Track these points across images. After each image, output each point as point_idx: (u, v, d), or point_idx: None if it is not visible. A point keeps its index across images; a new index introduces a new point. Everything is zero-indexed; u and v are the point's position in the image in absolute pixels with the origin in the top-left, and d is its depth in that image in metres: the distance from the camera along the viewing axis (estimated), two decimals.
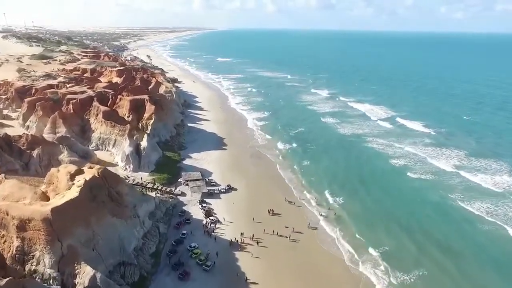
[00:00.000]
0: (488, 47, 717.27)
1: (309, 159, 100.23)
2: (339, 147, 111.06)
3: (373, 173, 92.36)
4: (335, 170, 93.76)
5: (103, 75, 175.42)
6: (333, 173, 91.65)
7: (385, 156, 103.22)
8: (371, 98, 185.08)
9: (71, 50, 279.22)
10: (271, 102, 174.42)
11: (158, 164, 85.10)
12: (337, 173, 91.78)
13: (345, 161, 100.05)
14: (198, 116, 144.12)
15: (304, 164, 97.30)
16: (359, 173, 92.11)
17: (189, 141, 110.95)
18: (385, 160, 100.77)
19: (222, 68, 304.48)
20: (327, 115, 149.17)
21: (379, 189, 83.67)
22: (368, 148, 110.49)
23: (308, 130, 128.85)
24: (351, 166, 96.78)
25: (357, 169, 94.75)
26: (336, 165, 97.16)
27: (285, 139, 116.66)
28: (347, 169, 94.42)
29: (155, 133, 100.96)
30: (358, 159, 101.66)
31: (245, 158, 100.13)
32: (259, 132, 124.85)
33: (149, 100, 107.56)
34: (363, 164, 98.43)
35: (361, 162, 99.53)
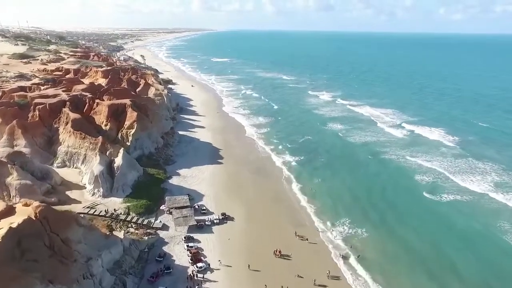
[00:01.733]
0: (490, 48, 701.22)
1: (320, 176, 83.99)
2: (351, 160, 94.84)
3: (394, 194, 76.51)
4: (351, 190, 77.56)
5: (87, 75, 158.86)
6: (350, 195, 75.46)
7: (404, 172, 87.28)
8: (374, 100, 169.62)
9: (60, 49, 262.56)
10: (272, 105, 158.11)
11: (136, 186, 68.58)
12: (354, 195, 75.56)
13: (360, 179, 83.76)
14: (192, 122, 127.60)
15: (315, 182, 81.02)
16: (379, 194, 76.04)
17: (179, 153, 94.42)
18: (406, 177, 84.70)
19: (220, 69, 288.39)
20: (332, 121, 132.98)
21: (404, 215, 67.75)
22: (383, 161, 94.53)
23: (314, 138, 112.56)
24: (368, 185, 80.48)
25: (376, 189, 78.54)
26: (351, 183, 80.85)
27: (291, 150, 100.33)
28: (364, 189, 78.22)
29: (137, 145, 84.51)
30: (375, 176, 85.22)
31: (245, 176, 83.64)
32: (260, 141, 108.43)
33: (131, 105, 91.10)
34: (381, 182, 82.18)
35: (378, 180, 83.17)
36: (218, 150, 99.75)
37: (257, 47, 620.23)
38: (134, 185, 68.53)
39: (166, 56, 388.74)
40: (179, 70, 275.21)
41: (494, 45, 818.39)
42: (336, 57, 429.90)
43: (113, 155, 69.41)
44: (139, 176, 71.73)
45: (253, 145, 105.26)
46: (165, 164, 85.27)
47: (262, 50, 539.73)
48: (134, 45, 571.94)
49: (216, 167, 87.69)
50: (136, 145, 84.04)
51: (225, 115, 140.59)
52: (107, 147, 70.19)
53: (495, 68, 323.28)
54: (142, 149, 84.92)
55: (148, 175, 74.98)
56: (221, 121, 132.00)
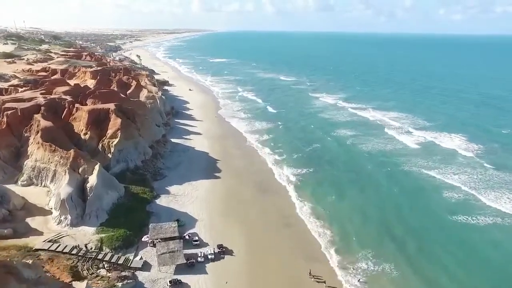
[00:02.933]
0: (491, 49, 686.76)
1: (332, 193, 72.08)
2: (365, 174, 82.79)
3: (420, 216, 64.67)
4: (369, 212, 65.79)
5: (75, 76, 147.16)
6: (369, 218, 63.77)
7: (424, 188, 75.63)
8: (378, 103, 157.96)
9: (52, 49, 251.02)
10: (273, 109, 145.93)
11: (114, 210, 56.50)
12: (374, 217, 63.79)
13: (378, 197, 71.90)
14: (187, 128, 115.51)
15: (328, 201, 69.09)
16: (403, 217, 64.21)
17: (170, 165, 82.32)
18: (426, 195, 73.02)
19: (219, 69, 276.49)
20: (337, 127, 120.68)
21: (431, 243, 56.11)
22: (399, 174, 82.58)
23: (320, 147, 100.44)
24: (389, 204, 68.78)
25: (399, 210, 66.77)
26: (368, 203, 69.03)
27: (297, 161, 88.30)
28: (384, 210, 66.47)
29: (120, 158, 72.51)
30: (394, 194, 73.22)
31: (246, 193, 71.58)
32: (261, 150, 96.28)
33: (115, 110, 79.05)
34: (402, 201, 70.42)
35: (399, 198, 71.22)
36: (215, 161, 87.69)
37: (257, 47, 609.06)
38: (112, 209, 56.42)
39: (164, 57, 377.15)
40: (177, 71, 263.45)
41: (495, 46, 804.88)
42: (336, 57, 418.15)
43: (87, 172, 57.37)
44: (119, 197, 59.68)
45: (254, 155, 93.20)
46: (154, 179, 73.22)
47: (262, 50, 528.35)
48: (133, 46, 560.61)
49: (213, 182, 75.62)
50: (119, 158, 72.06)
51: (223, 120, 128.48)
52: (80, 162, 58.12)
53: (499, 69, 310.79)
54: (126, 161, 72.89)
55: (131, 195, 62.92)
56: (219, 126, 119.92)
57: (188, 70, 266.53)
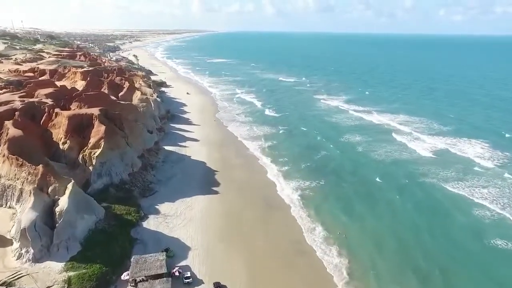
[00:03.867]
0: (492, 49, 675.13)
1: (345, 211, 62.90)
2: (378, 186, 73.84)
3: (450, 245, 54.56)
4: (391, 236, 56.39)
5: (65, 77, 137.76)
6: (392, 244, 54.26)
7: (450, 207, 65.20)
8: (383, 106, 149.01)
9: (46, 49, 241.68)
10: (276, 112, 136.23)
11: (90, 239, 46.84)
12: (399, 244, 54.26)
13: (395, 215, 62.76)
14: (183, 133, 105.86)
15: (343, 222, 59.63)
16: (426, 244, 54.37)
17: (162, 178, 72.65)
18: (454, 216, 62.65)
19: (219, 70, 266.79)
20: (345, 132, 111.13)
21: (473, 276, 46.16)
22: (419, 188, 72.87)
23: (328, 154, 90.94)
24: (413, 226, 59.36)
25: (426, 233, 57.19)
26: (389, 224, 59.67)
27: (304, 173, 78.62)
28: (410, 233, 57.15)
29: (103, 171, 62.91)
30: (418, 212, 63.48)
31: (248, 212, 61.94)
32: (264, 159, 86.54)
33: (100, 116, 69.45)
34: (427, 221, 60.78)
35: (423, 218, 61.62)
36: (213, 172, 78.04)
37: (257, 47, 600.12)
38: (87, 238, 46.78)
39: (162, 57, 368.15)
40: (175, 72, 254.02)
41: (495, 46, 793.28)
42: (337, 58, 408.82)
43: (59, 192, 47.78)
44: (98, 221, 50.02)
45: (255, 165, 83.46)
46: (142, 196, 63.65)
47: (262, 50, 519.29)
48: (132, 46, 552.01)
49: (210, 198, 65.98)
50: (101, 171, 62.44)
51: (222, 124, 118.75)
52: (50, 180, 48.48)
53: (501, 69, 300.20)
54: (110, 175, 63.26)
55: (113, 217, 53.29)
56: (218, 131, 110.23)
57: (187, 71, 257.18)
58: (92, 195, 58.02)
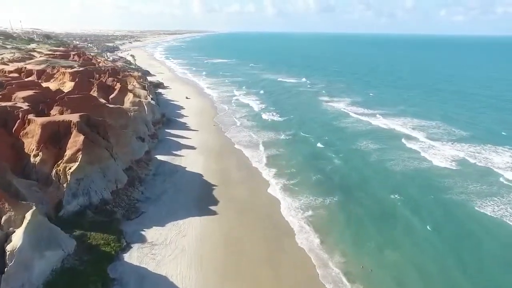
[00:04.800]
0: (495, 50, 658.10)
1: (365, 239, 52.47)
2: (392, 204, 62.84)
3: None
4: (412, 272, 45.71)
5: (53, 78, 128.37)
6: (422, 284, 44.12)
7: (483, 236, 53.97)
8: (389, 108, 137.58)
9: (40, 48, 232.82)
10: (278, 116, 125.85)
11: (50, 283, 37.16)
12: (428, 283, 44.20)
13: (417, 244, 51.70)
14: (179, 140, 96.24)
15: (366, 251, 49.65)
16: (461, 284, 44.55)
17: (152, 195, 63.02)
18: (490, 248, 51.94)
19: (219, 70, 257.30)
20: (355, 137, 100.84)
21: None
22: (440, 209, 61.69)
23: (339, 165, 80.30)
24: (435, 259, 48.62)
25: (453, 272, 46.84)
26: (407, 254, 48.95)
27: (313, 188, 68.45)
28: (432, 270, 46.55)
29: (79, 190, 53.29)
30: (443, 243, 52.78)
31: (251, 239, 52.13)
32: (268, 171, 76.29)
33: (79, 123, 59.90)
34: (455, 255, 49.78)
35: (452, 252, 50.77)
36: (210, 187, 68.37)
37: (258, 48, 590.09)
38: (49, 282, 37.06)
39: (162, 57, 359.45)
40: (174, 72, 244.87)
41: (497, 47, 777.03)
42: (337, 58, 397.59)
43: (15, 223, 38.20)
44: (65, 257, 40.42)
45: (258, 178, 73.45)
46: (126, 218, 54.02)
47: (263, 51, 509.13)
48: (132, 46, 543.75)
49: (207, 221, 56.30)
50: (77, 190, 52.82)
51: (222, 129, 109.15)
52: (4, 208, 38.87)
53: (505, 70, 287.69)
54: (87, 195, 53.63)
55: (86, 249, 43.70)
56: (217, 137, 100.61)
57: (186, 71, 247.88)
58: (64, 220, 48.62)
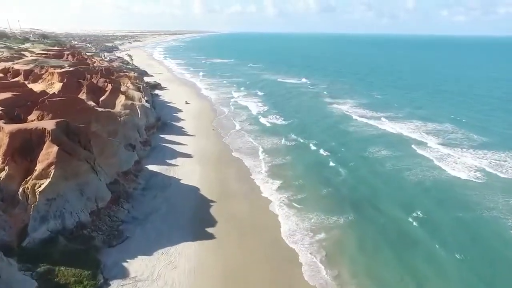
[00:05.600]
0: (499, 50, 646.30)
1: (382, 272, 43.76)
2: (421, 226, 54.03)
3: None
4: None
5: (41, 78, 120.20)
6: None
7: None
8: (395, 111, 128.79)
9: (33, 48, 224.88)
10: (282, 119, 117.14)
11: None
12: None
13: (456, 279, 43.67)
14: (175, 147, 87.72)
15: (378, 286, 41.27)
16: None
17: (140, 214, 54.48)
18: None
19: (219, 71, 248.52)
20: (362, 144, 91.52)
21: None
22: (473, 232, 52.49)
23: (346, 176, 71.04)
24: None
25: None
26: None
27: (320, 204, 59.60)
28: None
29: (51, 213, 44.73)
30: (483, 278, 44.77)
31: (253, 269, 43.71)
32: (270, 184, 67.53)
33: (54, 132, 51.45)
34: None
35: None
36: (208, 204, 59.81)
37: (259, 48, 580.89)
38: None
39: (161, 57, 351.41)
40: (173, 73, 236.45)
41: (499, 47, 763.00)
42: (338, 58, 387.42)
43: None
44: None
45: (259, 192, 64.48)
46: (107, 245, 45.59)
47: (264, 51, 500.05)
48: (131, 46, 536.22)
49: (202, 248, 47.71)
50: (47, 213, 44.30)
51: (221, 134, 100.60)
52: None
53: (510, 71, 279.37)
54: (61, 217, 45.13)
55: None
56: (216, 143, 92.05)
57: (185, 72, 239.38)
58: (29, 250, 40.20)
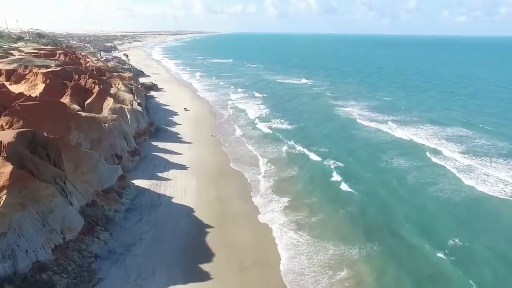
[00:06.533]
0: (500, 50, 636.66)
1: None
2: (453, 263, 43.72)
3: None
4: None
5: (24, 79, 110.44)
6: None
7: None
8: (404, 114, 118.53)
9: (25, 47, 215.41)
10: (286, 123, 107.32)
11: None
12: None
13: None
14: (168, 157, 77.55)
15: None
16: None
17: (119, 247, 44.27)
18: None
19: (220, 72, 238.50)
20: (381, 153, 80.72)
21: None
22: None
23: (371, 197, 60.66)
24: None
25: None
26: None
27: (343, 233, 49.77)
28: None
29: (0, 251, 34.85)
30: None
31: None
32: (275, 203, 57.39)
33: (11, 146, 41.48)
34: None
35: None
36: (203, 230, 49.70)
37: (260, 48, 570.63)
38: None
39: (160, 57, 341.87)
40: (171, 73, 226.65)
41: (503, 47, 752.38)
42: (339, 58, 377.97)
43: None
44: None
45: (267, 215, 54.49)
46: None
47: (265, 51, 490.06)
48: (131, 46, 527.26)
49: None
50: None
51: (221, 141, 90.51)
52: None
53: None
54: (11, 259, 35.05)
55: None
56: (214, 152, 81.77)
57: (184, 72, 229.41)
58: None
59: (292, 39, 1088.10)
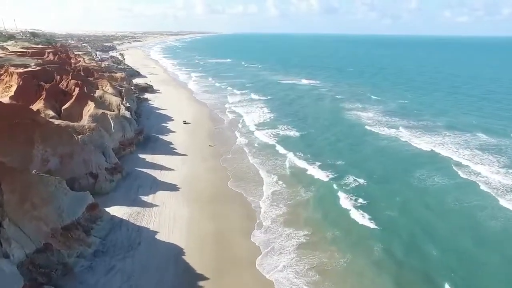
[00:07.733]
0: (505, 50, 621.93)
1: None
2: None
3: None
4: None
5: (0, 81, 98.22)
6: None
7: None
8: (418, 120, 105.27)
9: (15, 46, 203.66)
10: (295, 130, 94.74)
11: None
12: None
13: None
14: (156, 174, 64.86)
15: None
16: None
17: None
18: None
19: (220, 72, 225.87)
20: (392, 172, 67.72)
21: None
22: None
23: (399, 234, 47.41)
24: None
25: None
26: None
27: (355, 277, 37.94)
28: None
29: None
30: None
31: None
32: (283, 239, 45.03)
33: None
34: None
35: None
36: (194, 282, 37.32)
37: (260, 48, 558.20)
38: None
39: (159, 58, 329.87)
40: (169, 74, 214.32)
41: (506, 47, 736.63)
42: (340, 58, 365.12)
43: None
44: None
45: (274, 261, 42.17)
46: None
47: (266, 51, 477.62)
48: (130, 46, 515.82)
49: None
50: None
51: (220, 152, 77.94)
52: None
53: None
54: None
55: None
56: (211, 169, 68.70)
57: (183, 73, 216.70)
58: None
59: (293, 39, 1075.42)
